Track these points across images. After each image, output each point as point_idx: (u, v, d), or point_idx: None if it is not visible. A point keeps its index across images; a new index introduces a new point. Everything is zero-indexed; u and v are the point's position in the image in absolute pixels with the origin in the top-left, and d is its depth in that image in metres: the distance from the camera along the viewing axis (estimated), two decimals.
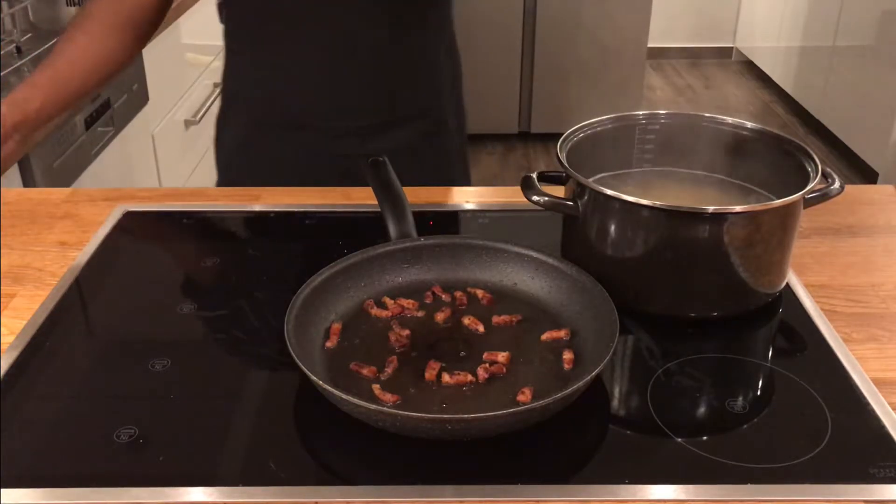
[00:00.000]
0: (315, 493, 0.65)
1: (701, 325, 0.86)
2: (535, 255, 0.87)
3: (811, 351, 0.82)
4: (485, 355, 0.77)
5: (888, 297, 0.90)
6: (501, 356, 0.77)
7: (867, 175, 3.38)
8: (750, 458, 0.68)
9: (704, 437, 0.71)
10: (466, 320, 0.81)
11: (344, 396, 0.67)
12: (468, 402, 0.72)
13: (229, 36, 1.21)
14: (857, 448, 0.69)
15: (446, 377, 0.74)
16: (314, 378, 0.69)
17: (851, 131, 3.56)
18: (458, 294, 0.85)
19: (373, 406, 0.67)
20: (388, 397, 0.72)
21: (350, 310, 0.84)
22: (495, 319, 0.82)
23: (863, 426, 0.72)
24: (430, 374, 0.74)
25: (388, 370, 0.75)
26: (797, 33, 4.10)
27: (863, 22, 3.45)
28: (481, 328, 0.81)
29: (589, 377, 0.70)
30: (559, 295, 0.84)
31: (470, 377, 0.74)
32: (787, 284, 0.90)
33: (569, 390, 0.68)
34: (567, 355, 0.77)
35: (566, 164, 0.87)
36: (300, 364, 0.71)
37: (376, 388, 0.73)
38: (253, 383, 0.77)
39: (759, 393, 0.78)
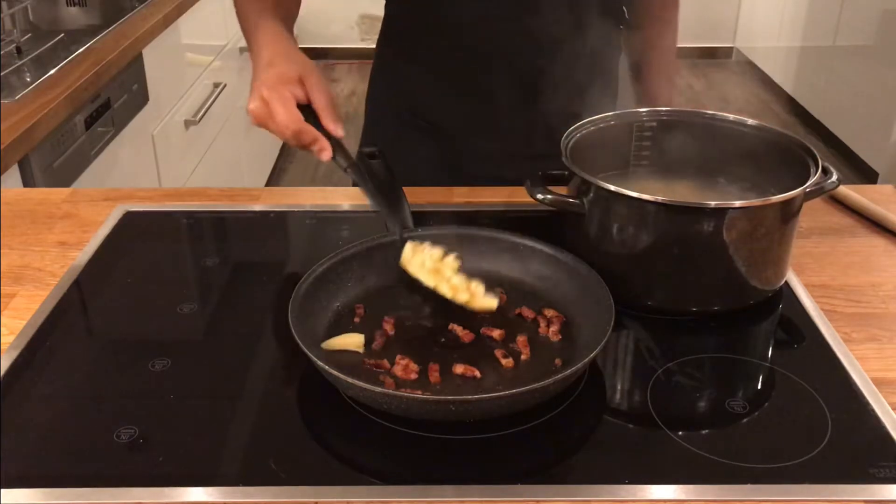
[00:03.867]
0: (315, 493, 0.65)
1: (701, 322, 0.86)
2: (530, 243, 0.88)
3: (811, 351, 0.82)
4: (482, 330, 0.80)
5: (888, 297, 0.90)
6: (497, 332, 0.80)
7: (867, 175, 3.38)
8: (750, 458, 0.68)
9: (705, 437, 0.71)
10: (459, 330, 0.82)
11: (349, 380, 0.68)
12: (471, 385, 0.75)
13: (385, 33, 1.21)
14: (857, 448, 0.69)
15: (457, 368, 0.76)
16: (319, 363, 0.70)
17: (851, 131, 3.56)
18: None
19: (378, 388, 0.68)
20: (391, 382, 0.73)
21: (350, 299, 0.85)
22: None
23: (863, 426, 0.72)
24: (433, 377, 0.75)
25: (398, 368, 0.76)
26: (797, 33, 4.10)
27: (863, 22, 3.45)
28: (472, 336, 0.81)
29: (587, 359, 0.71)
30: (555, 283, 0.86)
31: (476, 372, 0.75)
32: (787, 284, 0.91)
33: (567, 372, 0.69)
34: (554, 327, 0.81)
35: (570, 162, 0.87)
36: (307, 352, 0.71)
37: (382, 376, 0.75)
38: (253, 383, 0.77)
39: (759, 393, 0.78)
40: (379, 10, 1.21)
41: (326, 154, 0.89)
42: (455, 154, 1.19)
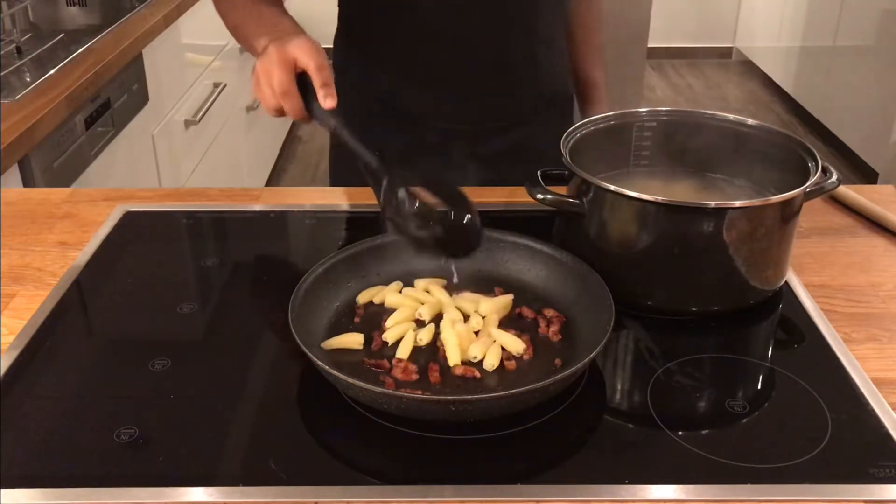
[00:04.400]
0: (315, 493, 0.65)
1: (701, 322, 0.86)
2: (531, 243, 0.88)
3: (811, 351, 0.82)
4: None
5: (888, 297, 0.90)
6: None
7: (867, 175, 3.38)
8: (750, 458, 0.68)
9: (705, 437, 0.71)
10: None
11: (349, 380, 0.67)
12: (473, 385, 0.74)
13: (343, 30, 1.22)
14: (857, 448, 0.69)
15: (457, 368, 0.76)
16: (319, 363, 0.70)
17: (851, 131, 3.56)
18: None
19: (378, 388, 0.68)
20: (391, 382, 0.74)
21: (350, 299, 0.85)
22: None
23: (863, 426, 0.72)
24: (433, 377, 0.75)
25: (397, 371, 0.76)
26: (797, 33, 4.10)
27: (863, 22, 3.45)
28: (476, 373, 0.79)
29: (587, 359, 0.71)
30: (555, 283, 0.86)
31: (476, 372, 0.75)
32: (787, 284, 0.91)
33: (567, 372, 0.69)
34: (554, 327, 0.81)
35: (570, 162, 0.87)
36: (307, 352, 0.71)
37: (382, 376, 0.75)
38: (253, 383, 0.77)
39: (759, 393, 0.78)
40: None
41: (331, 101, 0.87)
42: (428, 137, 1.20)
